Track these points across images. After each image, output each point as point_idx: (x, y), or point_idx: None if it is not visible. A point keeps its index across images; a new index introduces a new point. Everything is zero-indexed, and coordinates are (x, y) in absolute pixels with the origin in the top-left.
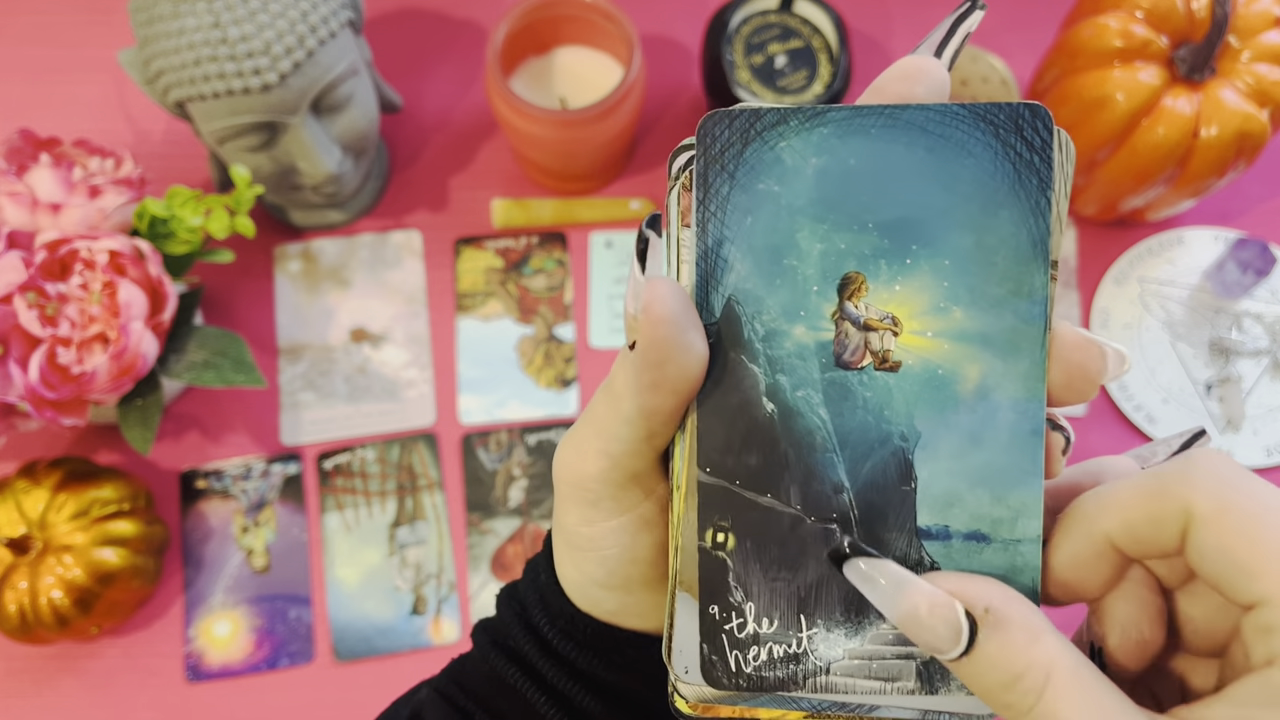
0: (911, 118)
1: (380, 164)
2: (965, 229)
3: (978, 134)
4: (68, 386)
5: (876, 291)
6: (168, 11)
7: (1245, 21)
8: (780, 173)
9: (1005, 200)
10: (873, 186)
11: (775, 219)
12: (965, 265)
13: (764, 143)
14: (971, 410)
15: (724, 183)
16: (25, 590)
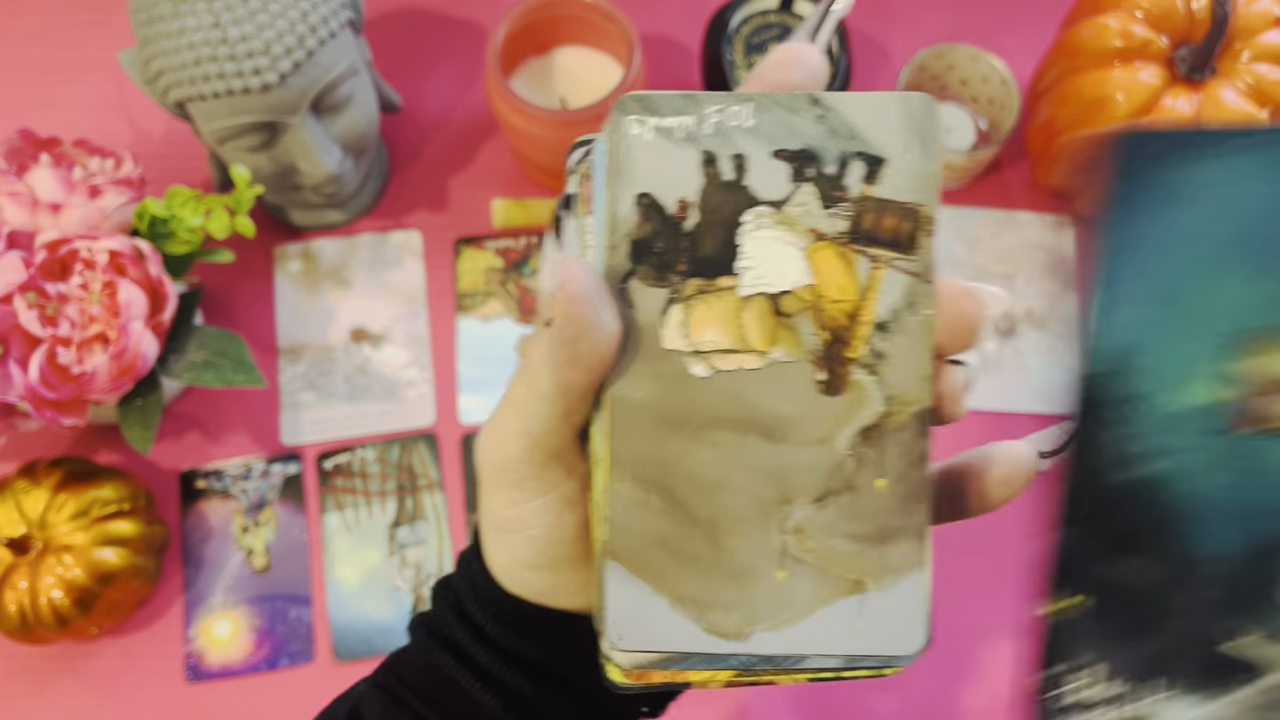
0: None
1: (380, 164)
2: None
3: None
4: (68, 386)
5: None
6: (168, 11)
7: (1245, 21)
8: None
9: None
10: None
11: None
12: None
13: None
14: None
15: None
16: (25, 590)
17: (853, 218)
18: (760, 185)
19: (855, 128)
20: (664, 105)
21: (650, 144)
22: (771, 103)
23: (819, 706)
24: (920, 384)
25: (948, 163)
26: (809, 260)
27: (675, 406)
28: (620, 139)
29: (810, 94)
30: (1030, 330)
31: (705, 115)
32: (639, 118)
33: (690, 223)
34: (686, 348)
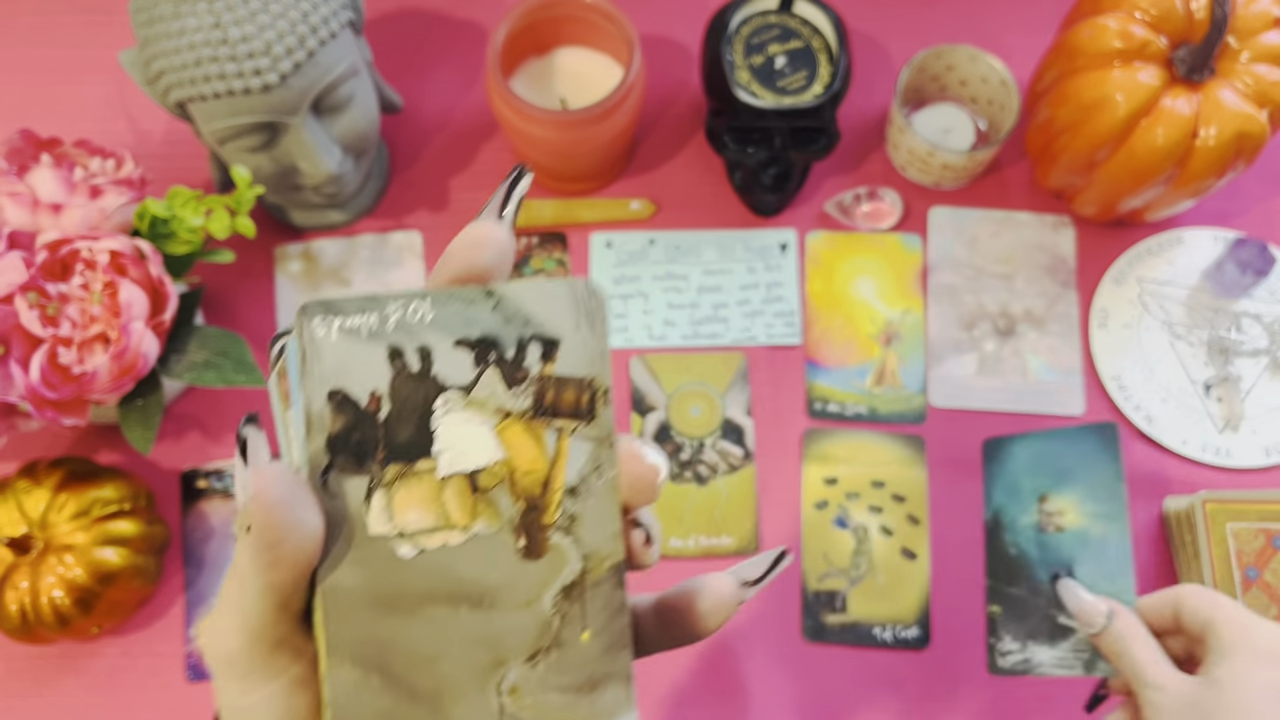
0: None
1: (381, 164)
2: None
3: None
4: (69, 386)
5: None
6: (168, 12)
7: (1244, 22)
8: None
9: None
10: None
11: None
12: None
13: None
14: None
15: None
16: (26, 590)
17: (535, 395)
18: (447, 373)
19: (529, 314)
20: (347, 306)
21: (337, 343)
22: (448, 297)
23: (820, 710)
24: (612, 540)
25: (948, 163)
26: (499, 437)
27: (386, 588)
28: (308, 341)
29: (484, 287)
30: (1029, 330)
31: (387, 313)
32: (323, 319)
33: (384, 413)
34: (392, 531)
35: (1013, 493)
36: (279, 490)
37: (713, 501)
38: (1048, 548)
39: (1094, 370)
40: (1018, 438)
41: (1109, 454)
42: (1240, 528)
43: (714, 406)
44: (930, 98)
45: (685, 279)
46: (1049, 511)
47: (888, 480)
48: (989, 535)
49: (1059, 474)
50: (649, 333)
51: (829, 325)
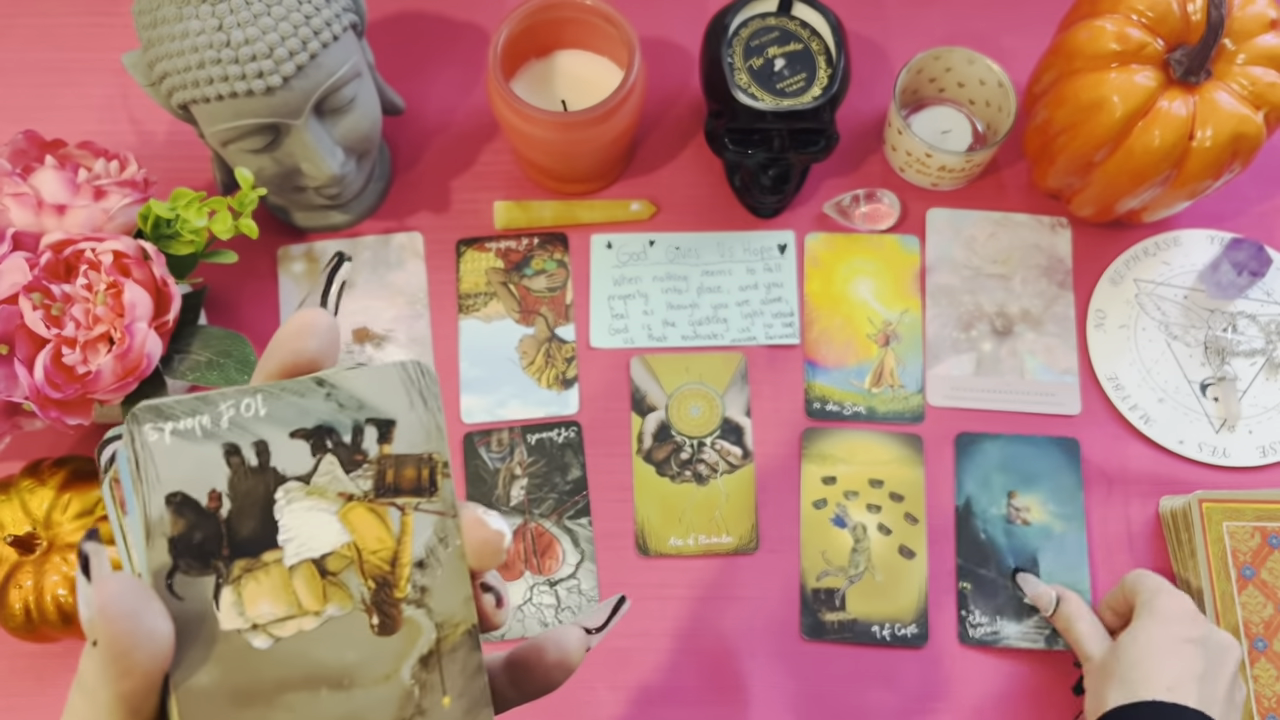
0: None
1: (383, 166)
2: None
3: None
4: (73, 386)
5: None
6: (172, 14)
7: (1241, 24)
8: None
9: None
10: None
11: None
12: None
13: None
14: None
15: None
16: (30, 588)
17: (375, 476)
18: (285, 464)
19: (361, 398)
20: (177, 409)
21: (170, 447)
22: (280, 390)
23: (818, 708)
24: (464, 605)
25: (945, 165)
26: (343, 521)
27: (244, 681)
28: (140, 447)
29: (315, 376)
30: (1026, 330)
31: (220, 412)
32: (155, 425)
33: (225, 510)
34: (245, 625)
35: (984, 485)
36: (124, 602)
37: (712, 500)
38: (1015, 537)
39: (1091, 370)
40: (989, 436)
41: (1071, 466)
42: (1236, 526)
43: (713, 406)
44: (928, 100)
45: (685, 279)
46: (1017, 507)
47: (886, 479)
48: (959, 520)
49: (1026, 476)
50: (649, 333)
51: (828, 325)
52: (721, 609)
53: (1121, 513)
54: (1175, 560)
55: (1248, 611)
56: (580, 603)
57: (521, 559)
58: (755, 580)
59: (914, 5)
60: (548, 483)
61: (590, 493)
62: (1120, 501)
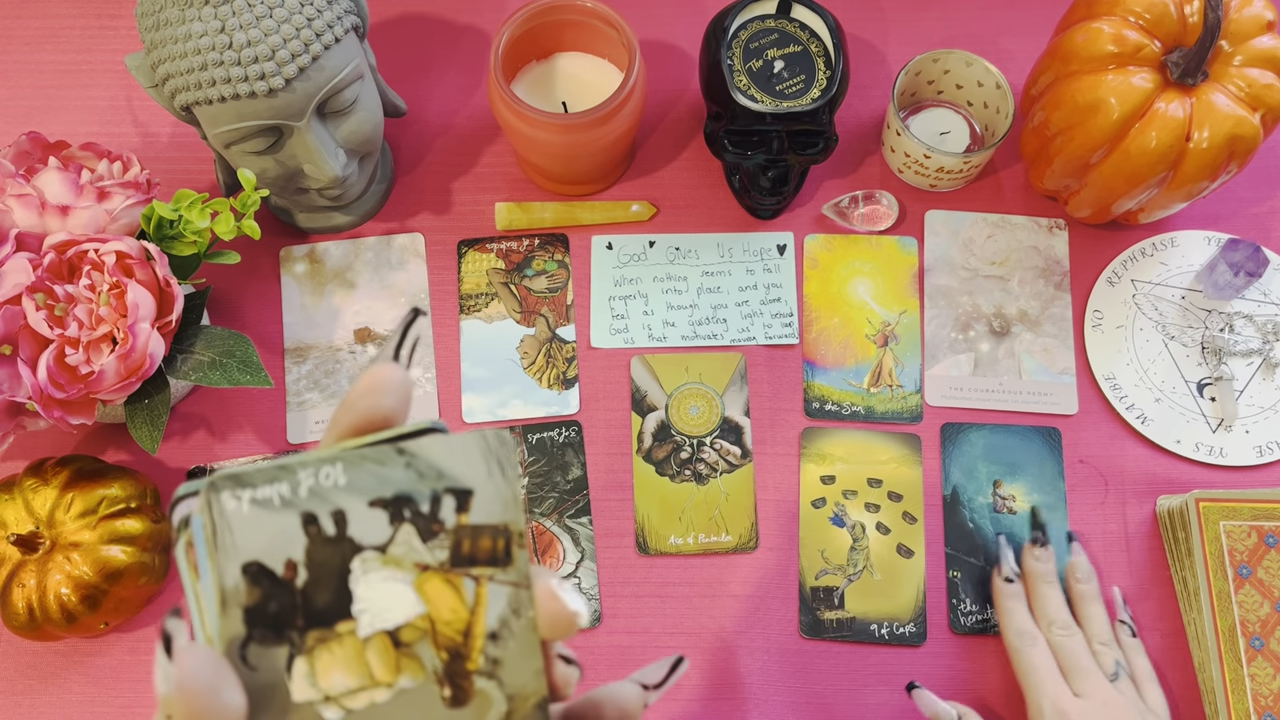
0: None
1: (385, 167)
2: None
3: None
4: (76, 386)
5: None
6: (174, 17)
7: (1237, 26)
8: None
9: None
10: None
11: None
12: None
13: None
14: None
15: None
16: (34, 587)
17: (452, 546)
18: (362, 533)
19: (441, 467)
20: (257, 478)
21: (248, 516)
22: (360, 458)
23: (817, 705)
24: (535, 677)
25: (943, 166)
26: (418, 591)
27: None
28: (218, 515)
29: (396, 445)
30: (1024, 330)
31: (299, 481)
32: (233, 493)
33: (301, 580)
34: (317, 696)
35: (969, 474)
36: (201, 678)
37: (712, 500)
38: (1001, 525)
39: (1088, 370)
40: (974, 426)
41: (1053, 455)
42: (1233, 526)
43: (713, 406)
44: (926, 102)
45: (685, 280)
46: (1003, 495)
47: (885, 478)
48: (947, 509)
49: (1011, 465)
50: (649, 333)
51: (826, 326)
52: (721, 607)
53: (1119, 512)
54: (1172, 559)
55: (1244, 610)
56: (580, 601)
57: None
58: (754, 579)
59: (912, 8)
60: (548, 482)
61: (590, 492)
62: (1117, 501)
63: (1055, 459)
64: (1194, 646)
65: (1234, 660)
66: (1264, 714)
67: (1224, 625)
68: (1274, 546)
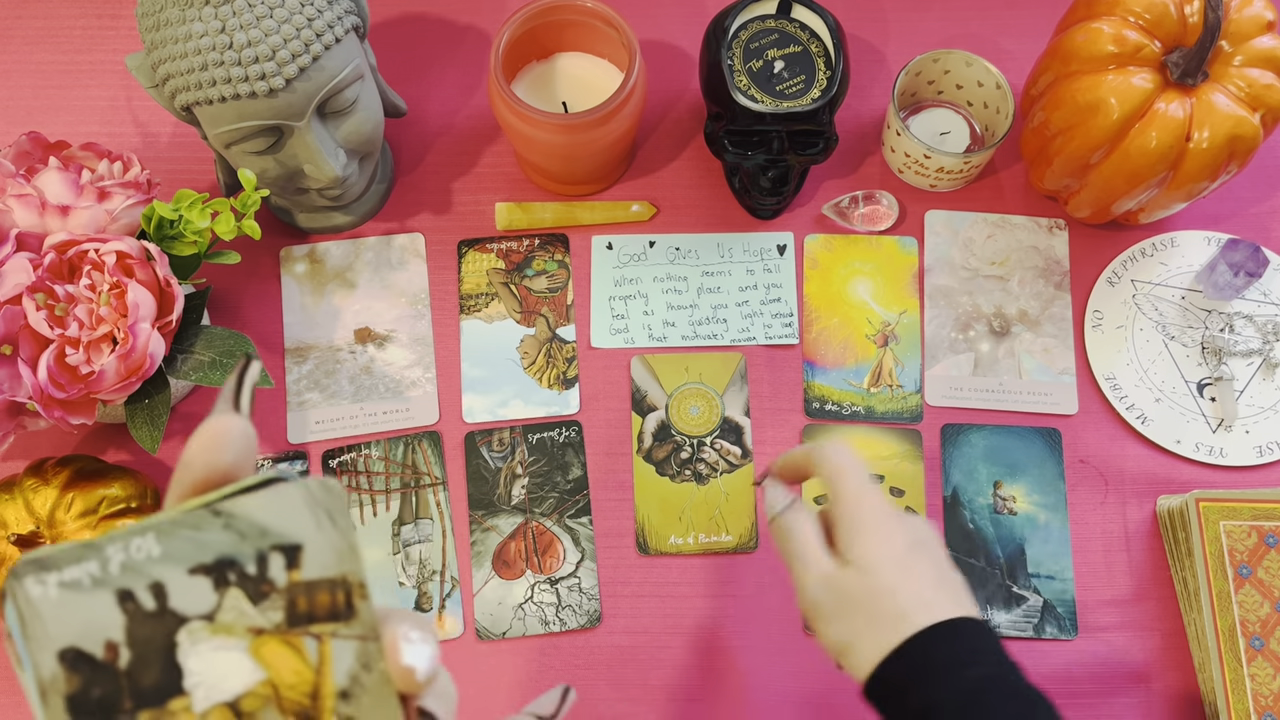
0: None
1: (385, 168)
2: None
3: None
4: (76, 386)
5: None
6: (175, 17)
7: (1237, 26)
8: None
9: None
10: None
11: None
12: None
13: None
14: None
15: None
16: None
17: (286, 606)
18: (185, 603)
19: (263, 525)
20: (61, 559)
21: (57, 600)
22: (173, 525)
23: (819, 703)
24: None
25: (944, 166)
26: (255, 657)
27: None
28: (24, 603)
29: (211, 506)
30: (1024, 331)
31: (108, 557)
32: (37, 578)
33: (124, 661)
34: None
35: (969, 475)
36: None
37: (712, 499)
38: (1001, 526)
39: (1088, 370)
40: (974, 427)
41: (1054, 455)
42: (1233, 525)
43: (713, 406)
44: (926, 102)
45: (685, 280)
46: (1003, 496)
47: (886, 474)
48: (947, 510)
49: (1011, 466)
50: (649, 333)
51: (826, 326)
52: (721, 606)
53: (1119, 512)
54: (1172, 559)
55: (1244, 610)
56: (581, 600)
57: (522, 558)
58: (755, 578)
59: (912, 8)
60: (548, 482)
61: (591, 492)
62: (1117, 501)
63: (1055, 459)
64: (1194, 646)
65: (1234, 660)
66: (1264, 714)
67: (1224, 625)
68: (1274, 546)
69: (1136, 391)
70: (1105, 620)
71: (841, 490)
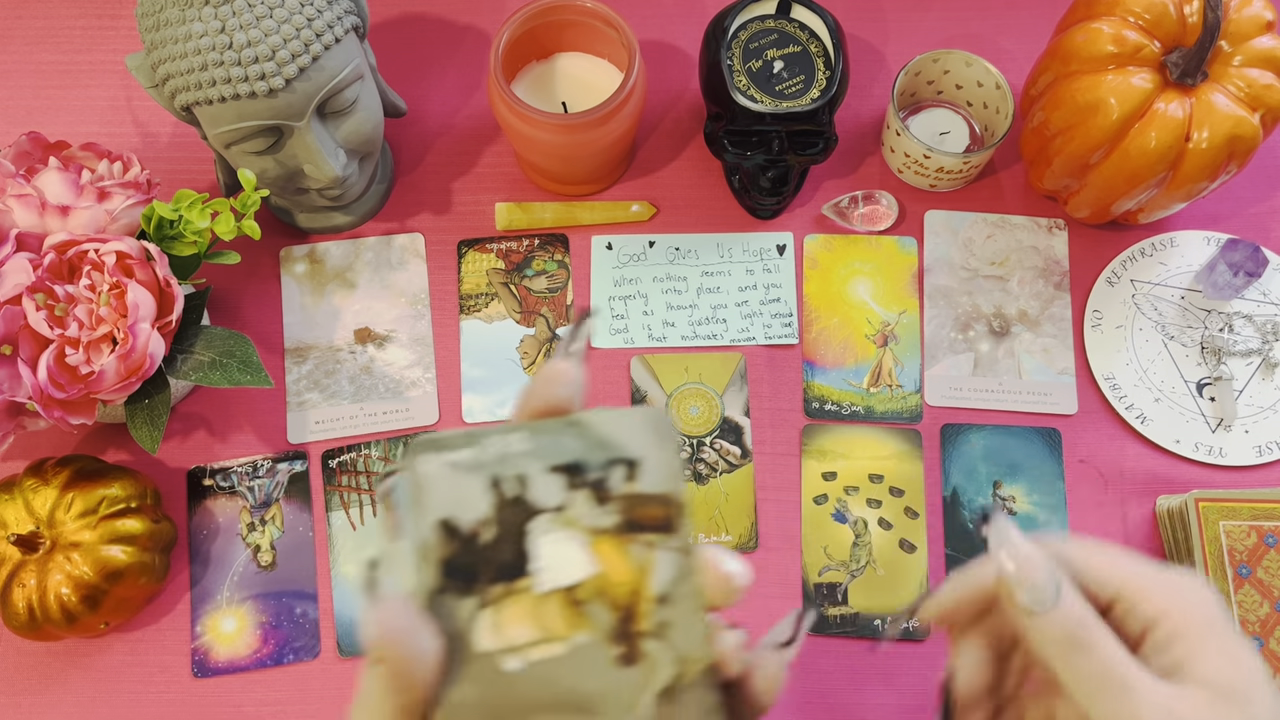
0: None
1: (385, 168)
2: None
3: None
4: (76, 386)
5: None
6: (174, 17)
7: (1237, 26)
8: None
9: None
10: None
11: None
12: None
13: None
14: None
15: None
16: (34, 587)
17: (621, 513)
18: (541, 497)
19: (612, 439)
20: (451, 442)
21: (443, 477)
22: (539, 429)
23: (821, 701)
24: (702, 643)
25: (943, 166)
26: (592, 553)
27: (497, 700)
28: (417, 476)
29: (570, 418)
30: (1023, 331)
31: (487, 446)
32: (430, 455)
33: (486, 537)
34: (499, 646)
35: (969, 475)
36: (403, 624)
37: (713, 500)
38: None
39: (1088, 370)
40: (974, 427)
41: (1053, 455)
42: (1232, 525)
43: (713, 406)
44: (926, 102)
45: (684, 280)
46: (1002, 496)
47: (886, 474)
48: (947, 509)
49: (1011, 466)
50: (649, 333)
51: (826, 326)
52: None
53: (1118, 512)
54: (1172, 559)
55: (1244, 610)
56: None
57: None
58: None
59: (912, 8)
60: None
61: None
62: (1117, 501)
63: (1055, 459)
64: None
65: None
66: None
67: None
68: (1274, 546)
69: (1136, 391)
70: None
71: (1129, 578)
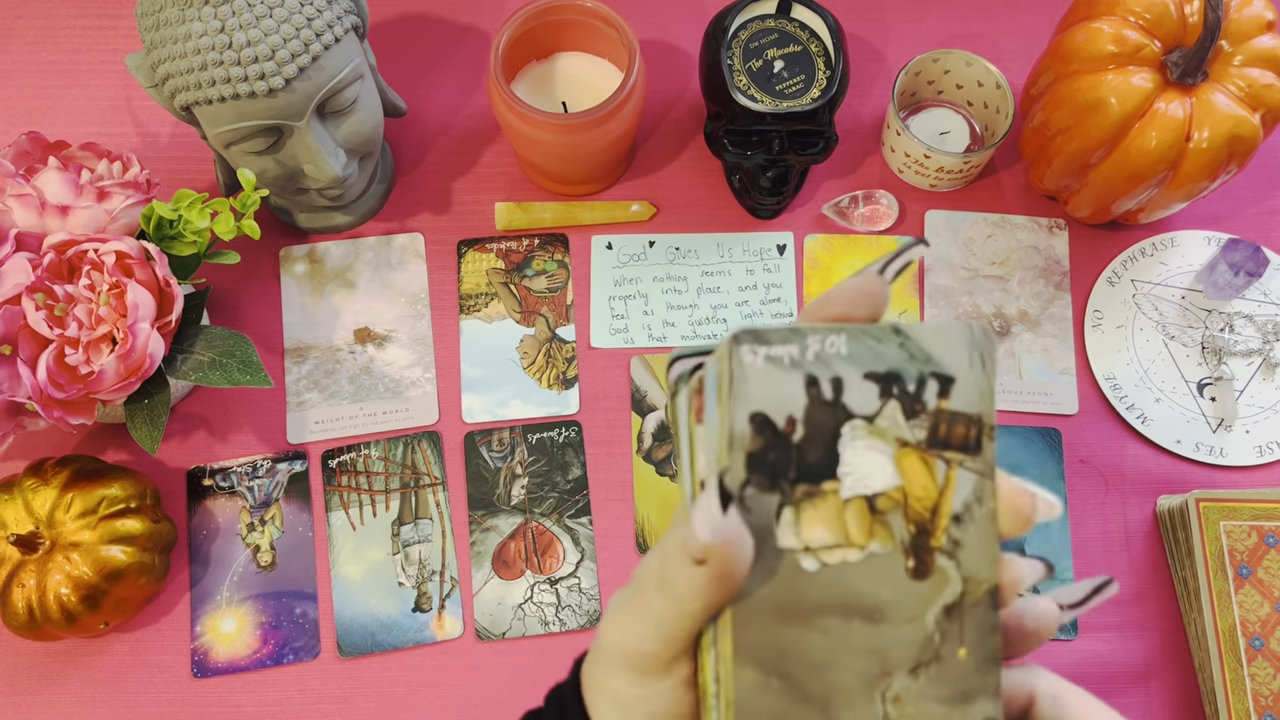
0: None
1: (385, 167)
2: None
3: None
4: (76, 386)
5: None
6: (174, 17)
7: (1237, 26)
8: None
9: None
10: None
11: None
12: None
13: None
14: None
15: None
16: (33, 587)
17: (930, 428)
18: (855, 402)
19: (930, 352)
20: (773, 337)
21: (761, 370)
22: (861, 333)
23: None
24: (990, 565)
25: (943, 166)
26: (897, 465)
27: (788, 598)
28: (735, 365)
29: (893, 325)
30: (1024, 330)
31: (807, 345)
32: (752, 347)
33: (797, 436)
34: (798, 546)
35: None
36: (736, 529)
37: None
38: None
39: (1089, 370)
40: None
41: (1054, 455)
42: (1233, 526)
43: None
44: (926, 102)
45: (684, 280)
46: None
47: None
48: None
49: (1011, 466)
50: (649, 333)
51: None
52: None
53: (1119, 512)
54: (1172, 559)
55: (1244, 610)
56: (580, 600)
57: (522, 558)
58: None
59: (912, 8)
60: (548, 482)
61: (590, 492)
62: (1117, 501)
63: (1055, 459)
64: (1194, 646)
65: (1234, 660)
66: (1264, 714)
67: (1224, 625)
68: (1274, 546)
69: (1136, 391)
70: (1105, 620)
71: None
